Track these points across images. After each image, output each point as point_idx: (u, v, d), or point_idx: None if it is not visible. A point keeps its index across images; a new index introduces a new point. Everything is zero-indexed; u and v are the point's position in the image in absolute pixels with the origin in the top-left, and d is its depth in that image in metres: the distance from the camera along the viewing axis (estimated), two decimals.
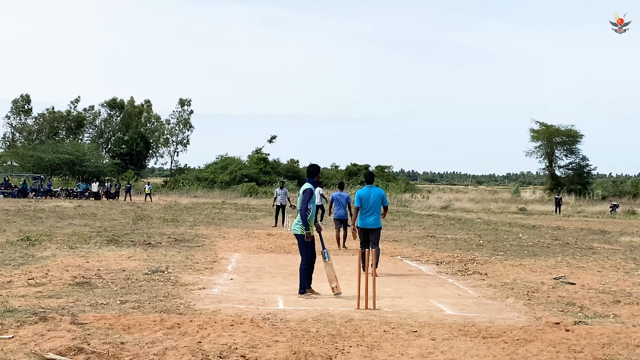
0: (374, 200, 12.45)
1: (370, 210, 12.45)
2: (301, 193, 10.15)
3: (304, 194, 10.08)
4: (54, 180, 61.30)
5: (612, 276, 12.81)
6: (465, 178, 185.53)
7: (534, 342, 7.20)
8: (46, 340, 6.53)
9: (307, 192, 10.04)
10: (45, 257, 13.17)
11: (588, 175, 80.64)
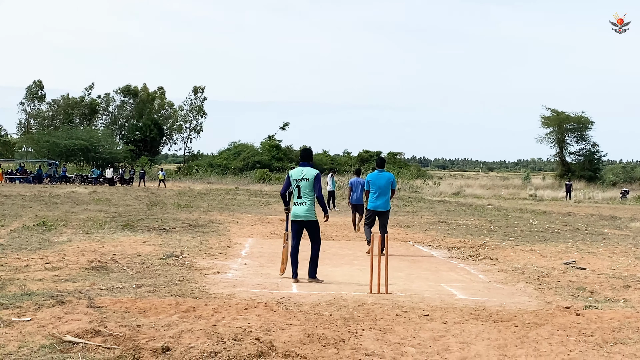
0: (384, 184, 13.06)
1: (379, 193, 13.04)
2: (313, 178, 9.99)
3: (317, 179, 10.00)
4: (68, 166, 61.66)
5: (623, 261, 12.86)
6: (476, 164, 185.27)
7: (545, 325, 7.29)
8: (64, 323, 6.67)
9: (319, 177, 10.06)
10: (61, 241, 13.33)
11: (598, 162, 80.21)
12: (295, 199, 10.07)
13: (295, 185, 10.02)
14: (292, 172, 10.23)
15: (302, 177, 9.99)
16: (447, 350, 6.27)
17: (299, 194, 9.99)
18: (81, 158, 71.03)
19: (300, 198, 9.98)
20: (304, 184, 9.97)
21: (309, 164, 10.22)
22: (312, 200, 10.01)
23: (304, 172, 10.03)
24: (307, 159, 10.28)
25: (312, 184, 9.97)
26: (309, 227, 10.07)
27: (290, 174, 10.17)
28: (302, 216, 9.99)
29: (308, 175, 9.99)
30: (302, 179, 9.98)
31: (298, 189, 9.99)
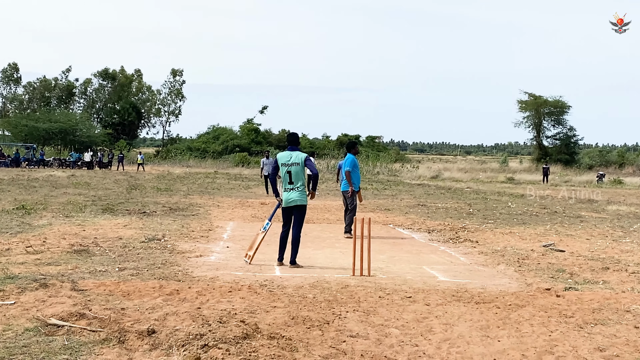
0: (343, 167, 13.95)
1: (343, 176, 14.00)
2: (303, 162, 9.89)
3: (308, 160, 9.93)
4: (46, 150, 61.17)
5: (601, 244, 13.02)
6: (454, 148, 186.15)
7: (526, 307, 7.39)
8: (48, 306, 6.65)
9: (309, 158, 10.01)
10: (41, 225, 13.26)
11: (575, 145, 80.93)
12: (286, 185, 9.92)
13: (285, 171, 9.88)
14: (279, 156, 10.05)
15: (291, 162, 9.88)
16: (430, 331, 6.34)
17: (290, 179, 9.88)
18: (59, 142, 70.46)
19: (292, 183, 9.89)
20: (295, 169, 9.88)
21: (297, 148, 10.17)
22: (303, 183, 9.98)
23: (292, 156, 9.93)
24: (294, 142, 10.21)
25: (303, 168, 9.93)
26: (299, 211, 10.01)
27: (279, 158, 9.99)
28: (296, 200, 9.91)
29: (298, 160, 9.91)
30: (292, 164, 9.88)
31: (289, 175, 9.87)
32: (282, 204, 10.03)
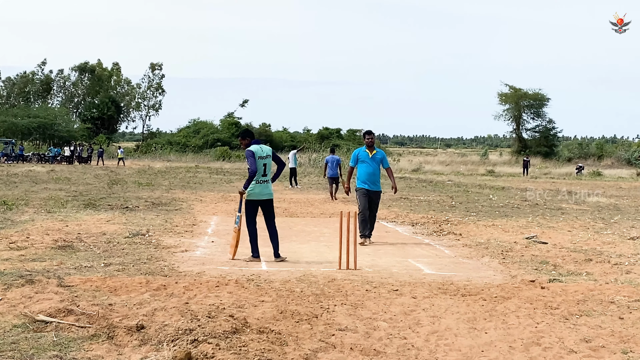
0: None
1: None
2: (273, 154, 9.98)
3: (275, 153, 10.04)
4: (24, 145, 60.69)
5: (582, 235, 13.14)
6: (435, 141, 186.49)
7: (512, 299, 7.46)
8: (35, 302, 6.62)
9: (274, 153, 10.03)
10: (23, 221, 13.17)
11: (554, 138, 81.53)
12: (260, 178, 9.80)
13: (262, 164, 9.81)
14: (255, 149, 9.86)
15: (265, 154, 9.86)
16: (418, 324, 6.38)
17: (264, 172, 9.84)
18: (38, 137, 69.91)
19: (266, 176, 9.87)
20: (268, 162, 9.89)
21: (261, 141, 10.25)
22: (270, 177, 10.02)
23: (264, 149, 9.92)
24: (254, 136, 10.18)
25: (271, 160, 9.96)
26: (270, 205, 10.05)
27: (255, 152, 9.83)
28: (267, 194, 9.93)
29: (269, 152, 9.96)
30: (266, 157, 9.87)
31: (264, 167, 9.82)
32: (249, 198, 9.86)
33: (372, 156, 12.16)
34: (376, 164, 12.18)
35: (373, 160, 12.14)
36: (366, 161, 12.12)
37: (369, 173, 12.05)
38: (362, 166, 12.15)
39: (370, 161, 12.11)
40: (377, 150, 12.34)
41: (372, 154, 12.17)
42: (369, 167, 12.08)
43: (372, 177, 12.07)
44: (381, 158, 12.33)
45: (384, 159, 12.42)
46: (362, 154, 12.24)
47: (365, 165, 12.12)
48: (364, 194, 11.97)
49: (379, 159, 12.25)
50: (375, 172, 12.13)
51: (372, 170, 12.09)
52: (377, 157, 12.22)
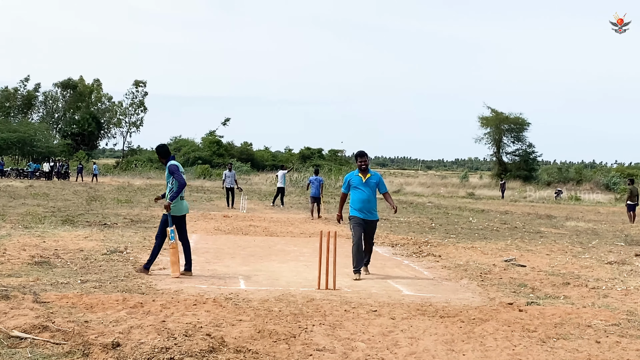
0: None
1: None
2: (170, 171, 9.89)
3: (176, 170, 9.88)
4: (4, 159, 60.24)
5: (561, 259, 13.20)
6: (415, 163, 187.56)
7: (490, 321, 7.46)
8: (10, 318, 6.53)
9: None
10: (0, 236, 13.02)
11: (534, 162, 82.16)
12: (183, 194, 10.02)
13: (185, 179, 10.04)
14: (178, 164, 10.01)
15: (184, 171, 10.13)
16: (396, 345, 6.36)
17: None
18: (17, 152, 69.42)
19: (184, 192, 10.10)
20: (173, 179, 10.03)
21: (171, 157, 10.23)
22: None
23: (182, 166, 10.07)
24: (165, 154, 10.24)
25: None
26: (184, 219, 10.23)
27: (180, 167, 9.97)
28: (186, 209, 10.16)
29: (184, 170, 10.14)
30: (184, 173, 10.13)
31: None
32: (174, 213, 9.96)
33: (366, 181, 10.74)
34: (371, 189, 10.75)
35: (367, 185, 10.73)
36: (359, 187, 10.73)
37: (362, 200, 10.66)
38: (356, 192, 10.74)
39: (363, 187, 10.71)
40: (371, 174, 10.88)
41: (365, 179, 10.75)
42: (362, 194, 10.68)
43: (367, 205, 10.69)
44: (377, 182, 10.88)
45: (381, 182, 10.97)
46: (354, 179, 10.84)
47: (358, 192, 10.72)
48: (358, 224, 10.65)
49: (374, 183, 10.81)
50: (370, 198, 10.70)
51: (367, 196, 10.68)
52: (371, 181, 10.79)
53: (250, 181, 53.73)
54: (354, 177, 10.86)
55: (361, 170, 10.84)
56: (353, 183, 10.81)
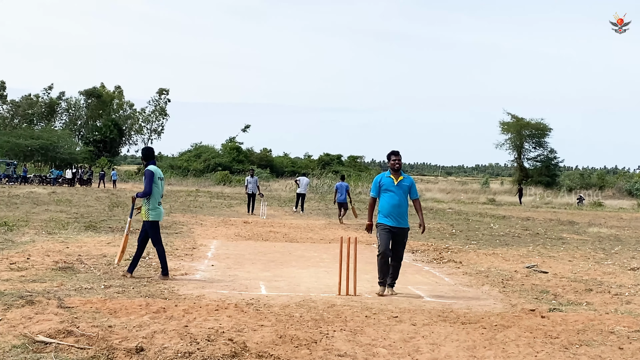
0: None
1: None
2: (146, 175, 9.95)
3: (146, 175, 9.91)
4: (27, 166, 60.87)
5: (583, 265, 13.13)
6: (435, 169, 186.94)
7: (512, 327, 7.44)
8: (34, 323, 6.62)
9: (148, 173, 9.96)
10: (24, 242, 13.17)
11: (556, 168, 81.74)
12: (160, 199, 10.06)
13: (161, 185, 10.11)
14: (155, 169, 9.99)
15: (162, 176, 10.20)
16: (417, 351, 6.36)
17: (162, 193, 10.16)
18: (40, 158, 70.13)
19: (162, 197, 10.17)
20: (163, 184, 10.19)
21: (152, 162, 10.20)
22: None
23: (160, 171, 10.16)
24: (149, 157, 10.21)
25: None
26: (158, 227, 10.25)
27: (155, 172, 9.95)
28: (160, 217, 10.14)
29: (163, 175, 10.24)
30: (163, 179, 10.20)
31: (163, 189, 10.16)
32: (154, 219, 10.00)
33: (399, 183, 9.70)
34: (403, 193, 9.70)
35: (399, 188, 9.68)
36: (391, 189, 9.68)
37: (393, 205, 9.60)
38: (386, 196, 9.70)
39: (396, 189, 9.65)
40: (404, 176, 9.84)
41: (398, 181, 9.71)
42: (393, 197, 9.63)
43: (398, 210, 9.61)
44: (409, 186, 9.83)
45: (413, 186, 9.91)
46: (385, 180, 9.79)
47: (389, 195, 9.67)
48: (386, 232, 9.64)
49: (406, 187, 9.77)
50: (401, 203, 9.63)
51: (398, 200, 9.60)
52: (404, 184, 9.75)
53: (269, 187, 53.81)
54: (385, 179, 9.78)
55: (393, 170, 9.74)
56: (384, 185, 9.73)
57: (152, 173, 9.84)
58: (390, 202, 9.60)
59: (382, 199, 9.73)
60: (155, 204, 9.90)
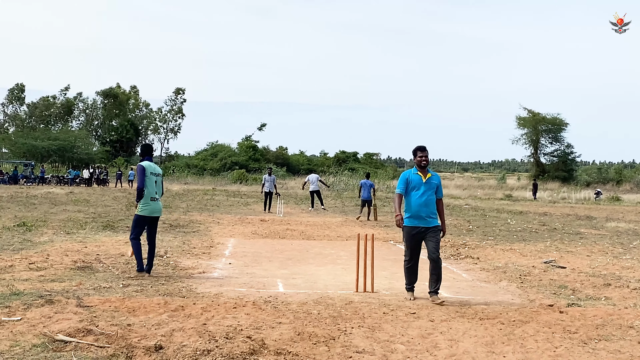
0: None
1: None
2: (161, 174, 10.30)
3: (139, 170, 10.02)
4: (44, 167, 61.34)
5: (601, 260, 13.06)
6: (451, 165, 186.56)
7: (530, 323, 7.42)
8: (54, 322, 6.68)
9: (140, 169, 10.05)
10: (43, 242, 13.28)
11: (572, 162, 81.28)
12: (154, 195, 10.12)
13: (154, 181, 10.13)
14: (147, 165, 10.11)
15: (157, 172, 10.22)
16: (436, 347, 6.36)
17: (156, 189, 10.16)
18: (57, 159, 70.64)
19: (157, 194, 10.20)
20: (160, 179, 10.24)
21: (148, 158, 10.34)
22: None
23: (156, 168, 10.23)
24: (151, 154, 10.44)
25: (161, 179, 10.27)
26: (156, 222, 10.34)
27: (147, 168, 10.07)
28: (158, 211, 10.24)
29: (160, 171, 10.32)
30: (158, 175, 10.22)
31: (156, 184, 10.15)
32: (142, 213, 10.09)
33: (427, 181, 8.96)
34: (432, 191, 8.97)
35: (428, 186, 8.94)
36: (418, 187, 8.93)
37: (421, 204, 8.83)
38: (413, 194, 8.91)
39: (424, 187, 8.92)
40: (432, 174, 9.10)
41: (426, 178, 8.98)
42: (422, 196, 8.86)
43: (426, 210, 8.86)
44: (437, 184, 9.10)
45: (440, 186, 9.19)
46: (413, 177, 9.02)
47: (417, 194, 8.89)
48: (414, 236, 8.90)
49: (435, 185, 9.04)
50: (429, 201, 8.88)
51: (426, 199, 8.86)
52: (433, 182, 9.02)
53: (286, 185, 53.86)
54: (413, 175, 9.02)
55: (420, 167, 9.02)
56: (412, 182, 8.96)
57: (143, 168, 10.02)
58: (419, 201, 8.82)
59: (409, 198, 8.93)
60: (147, 199, 10.02)
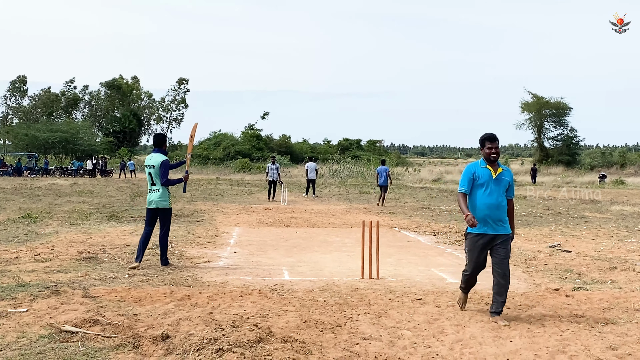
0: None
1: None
2: (159, 165, 10.02)
3: (163, 166, 10.04)
4: (48, 158, 61.36)
5: (606, 244, 13.04)
6: (455, 151, 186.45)
7: (536, 307, 7.42)
8: (60, 313, 6.69)
9: (166, 164, 10.11)
10: (48, 233, 13.29)
11: (576, 147, 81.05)
12: (149, 186, 10.15)
13: (147, 173, 10.16)
14: (147, 157, 10.34)
15: (150, 164, 10.13)
16: (442, 332, 6.36)
17: (152, 180, 10.10)
18: (60, 150, 70.68)
19: (154, 185, 10.12)
20: (153, 171, 10.10)
21: (160, 150, 10.29)
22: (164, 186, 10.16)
23: (152, 159, 10.16)
24: (158, 144, 10.37)
25: (159, 171, 10.07)
26: (162, 214, 10.16)
27: (145, 161, 10.31)
28: (156, 202, 10.09)
29: (155, 162, 10.11)
30: (151, 166, 10.12)
31: (150, 176, 10.11)
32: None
33: (498, 177, 7.16)
34: (503, 189, 7.19)
35: (498, 183, 7.16)
36: (487, 185, 7.15)
37: (490, 205, 7.08)
38: (480, 193, 7.15)
39: (494, 185, 7.14)
40: (503, 169, 7.28)
41: (497, 174, 7.17)
42: (490, 196, 7.10)
43: (496, 213, 7.09)
44: (509, 181, 7.30)
45: (512, 183, 7.40)
46: (480, 171, 7.21)
47: (484, 193, 7.13)
48: (480, 245, 7.25)
49: (507, 182, 7.24)
50: (500, 203, 7.12)
51: (496, 200, 7.09)
52: (504, 178, 7.21)
53: (289, 173, 53.81)
54: (480, 169, 7.23)
55: (490, 161, 7.21)
56: (479, 178, 7.18)
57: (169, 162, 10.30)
58: (487, 201, 7.09)
59: (475, 197, 7.20)
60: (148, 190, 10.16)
